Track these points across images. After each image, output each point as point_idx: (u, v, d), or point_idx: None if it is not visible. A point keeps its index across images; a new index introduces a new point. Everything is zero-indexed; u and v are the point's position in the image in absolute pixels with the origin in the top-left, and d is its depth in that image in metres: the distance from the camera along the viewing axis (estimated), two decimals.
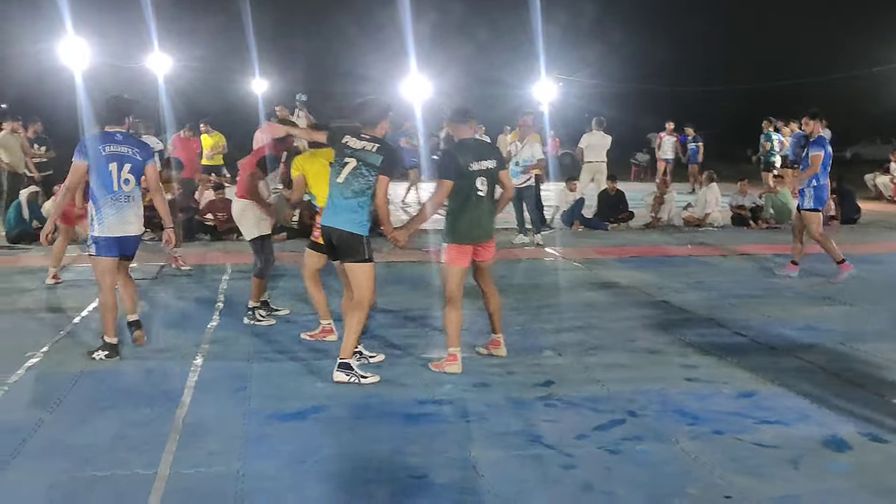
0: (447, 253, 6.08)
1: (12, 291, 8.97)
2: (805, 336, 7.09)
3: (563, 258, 11.45)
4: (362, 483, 4.17)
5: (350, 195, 5.70)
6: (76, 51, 20.51)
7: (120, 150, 6.31)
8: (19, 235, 12.59)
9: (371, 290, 5.86)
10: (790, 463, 4.42)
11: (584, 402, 5.40)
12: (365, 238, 5.75)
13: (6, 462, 4.40)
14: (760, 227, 14.91)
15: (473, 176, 5.97)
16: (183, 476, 4.24)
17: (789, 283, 9.57)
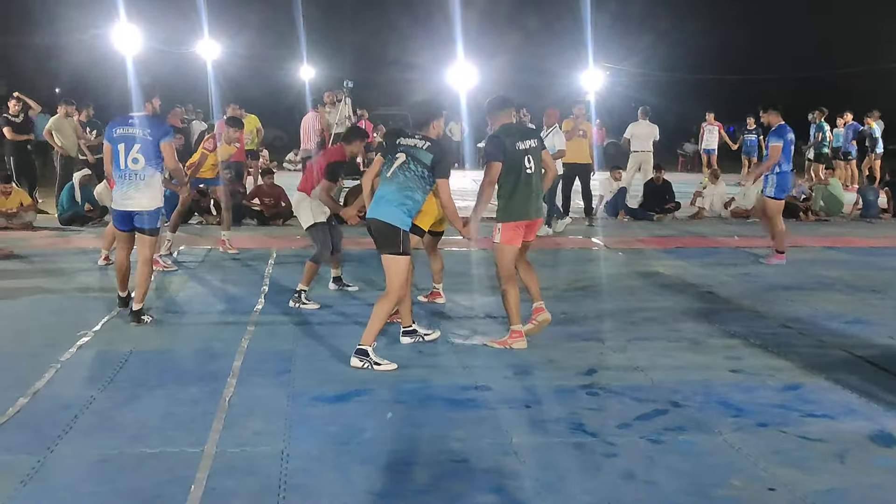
0: (502, 233, 6.22)
1: (65, 272, 9.14)
2: (853, 329, 6.99)
3: (608, 247, 11.39)
4: (404, 466, 4.20)
5: (395, 188, 5.79)
6: (128, 37, 20.79)
7: (130, 131, 6.80)
8: (72, 217, 12.84)
9: (402, 283, 5.87)
10: (836, 457, 4.36)
11: (626, 391, 5.38)
12: (402, 232, 5.78)
13: (59, 437, 4.50)
14: (810, 218, 14.70)
15: (521, 154, 6.19)
16: (229, 455, 4.30)
17: (839, 275, 9.42)
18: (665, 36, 38.36)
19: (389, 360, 5.84)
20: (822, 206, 15.09)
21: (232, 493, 3.86)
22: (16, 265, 9.59)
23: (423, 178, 5.82)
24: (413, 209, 5.87)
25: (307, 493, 3.88)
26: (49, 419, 4.75)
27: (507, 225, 6.22)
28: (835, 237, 12.53)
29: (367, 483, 3.99)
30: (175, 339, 6.57)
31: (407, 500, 3.83)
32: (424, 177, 5.82)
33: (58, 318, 7.12)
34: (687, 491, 3.95)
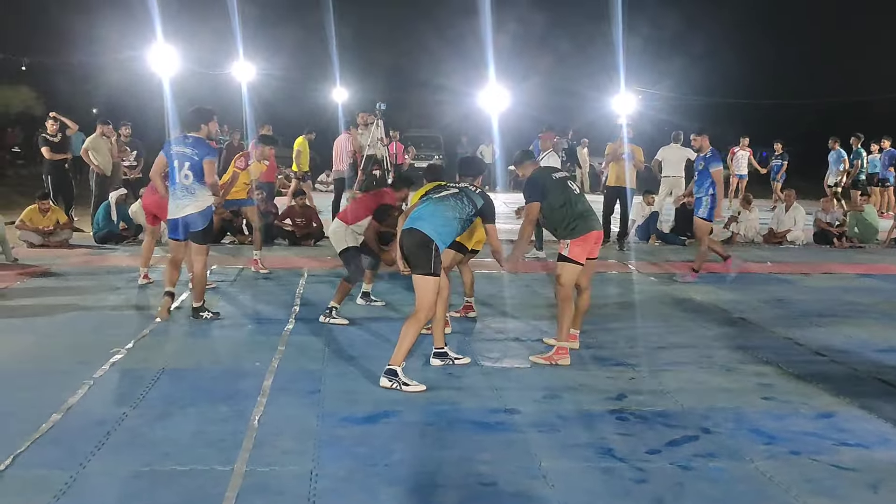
0: (570, 248, 6.51)
1: (100, 289, 9.25)
2: (888, 358, 6.90)
3: (639, 272, 11.35)
4: (432, 488, 4.20)
5: (441, 209, 6.04)
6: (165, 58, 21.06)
7: (184, 150, 7.57)
8: (106, 236, 13.01)
9: (432, 303, 5.92)
10: (869, 487, 4.31)
11: (656, 416, 5.35)
12: (435, 250, 5.86)
13: (92, 454, 4.55)
14: (844, 245, 14.54)
15: (561, 182, 6.71)
16: (258, 473, 4.33)
17: (873, 302, 9.32)
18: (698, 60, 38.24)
19: (419, 381, 5.86)
20: (856, 232, 14.93)
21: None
22: (51, 282, 9.73)
23: (467, 214, 6.09)
24: (447, 235, 6.01)
25: None
26: (82, 435, 4.81)
27: (575, 241, 6.50)
28: (869, 264, 12.39)
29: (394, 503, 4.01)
30: (206, 357, 6.63)
31: None
32: (468, 213, 6.09)
33: (92, 335, 7.20)
34: None
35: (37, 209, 12.77)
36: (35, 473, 4.28)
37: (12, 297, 8.81)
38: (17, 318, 7.86)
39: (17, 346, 6.81)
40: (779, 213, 15.34)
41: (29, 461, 4.44)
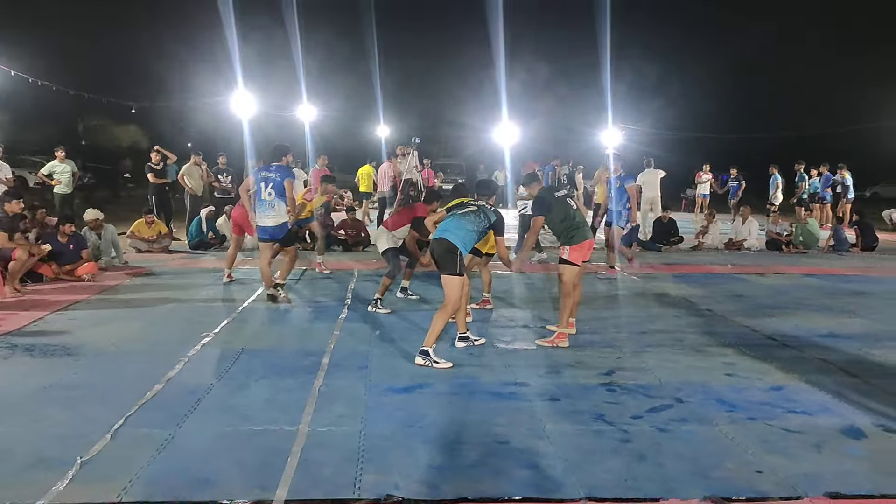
0: (570, 253, 6.51)
1: (193, 286, 9.32)
2: (828, 341, 6.80)
3: (624, 272, 11.26)
4: (457, 445, 4.19)
5: (464, 223, 6.09)
6: (244, 102, 21.17)
7: (269, 175, 8.15)
8: (198, 244, 13.10)
9: (458, 297, 5.92)
10: (814, 447, 4.25)
11: (639, 388, 5.30)
12: (460, 255, 5.91)
13: (185, 416, 4.59)
14: (791, 251, 14.35)
15: (562, 199, 6.67)
16: (318, 433, 4.34)
17: (815, 297, 9.17)
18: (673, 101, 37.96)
19: (447, 359, 5.84)
20: (801, 240, 14.73)
21: (320, 464, 3.89)
22: (154, 281, 9.81)
23: (482, 226, 6.16)
24: (469, 243, 6.09)
25: (380, 465, 3.89)
26: (178, 402, 4.85)
27: (573, 247, 6.51)
28: (812, 266, 12.21)
29: (428, 458, 4.00)
30: (277, 340, 6.65)
31: (459, 472, 3.82)
32: (483, 226, 6.16)
33: (187, 322, 7.25)
34: (689, 471, 3.88)
35: (143, 222, 12.90)
36: (141, 432, 4.31)
37: (123, 293, 8.90)
38: (128, 308, 7.94)
39: (128, 331, 6.88)
40: (737, 225, 15.16)
41: (137, 422, 4.48)
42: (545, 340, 6.59)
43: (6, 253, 8.47)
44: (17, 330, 6.78)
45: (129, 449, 4.06)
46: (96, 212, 11.35)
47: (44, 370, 5.56)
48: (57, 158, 14.34)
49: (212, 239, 13.20)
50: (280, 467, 3.82)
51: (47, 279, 9.40)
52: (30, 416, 4.54)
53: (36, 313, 7.48)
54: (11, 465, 3.82)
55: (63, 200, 14.16)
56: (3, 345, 6.25)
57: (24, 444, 4.08)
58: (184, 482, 3.64)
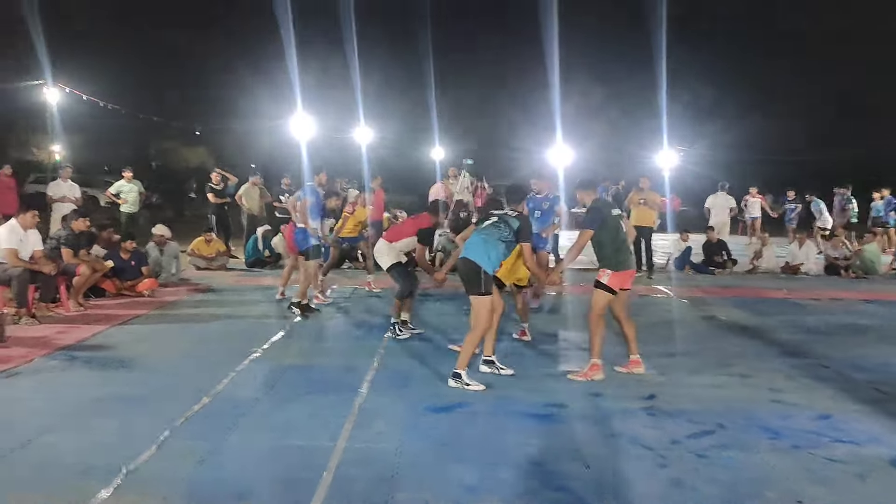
0: (610, 277, 6.05)
1: (247, 303, 9.52)
2: (883, 370, 6.53)
3: (674, 296, 11.07)
4: (492, 465, 4.16)
5: (483, 238, 5.81)
6: (303, 124, 21.58)
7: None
8: (255, 262, 13.40)
9: (487, 319, 5.72)
10: (858, 477, 4.08)
11: (680, 413, 5.18)
12: (483, 273, 5.66)
13: (230, 429, 4.68)
14: (850, 276, 13.88)
15: (617, 218, 6.20)
16: (356, 449, 4.37)
17: (871, 324, 8.85)
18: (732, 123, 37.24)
19: (484, 381, 5.80)
20: (858, 265, 14.22)
21: (355, 480, 3.92)
22: (211, 297, 10.05)
23: (507, 238, 5.82)
24: (495, 258, 5.79)
25: (414, 483, 3.90)
26: (223, 415, 4.95)
27: (616, 273, 6.05)
28: (871, 292, 11.78)
29: (461, 476, 3.98)
30: (324, 356, 6.73)
31: (491, 492, 3.80)
32: (508, 238, 5.82)
33: (237, 337, 7.40)
34: (725, 499, 3.78)
35: (203, 240, 13.25)
36: (186, 444, 4.41)
37: (180, 308, 9.14)
38: (183, 323, 8.15)
39: (182, 345, 7.06)
40: (793, 248, 14.76)
41: (183, 433, 4.59)
42: (577, 374, 6.08)
43: (71, 268, 8.80)
44: (78, 343, 7.03)
45: (173, 460, 4.15)
46: (164, 228, 11.70)
47: (99, 381, 5.74)
48: (124, 178, 14.86)
49: (268, 257, 13.47)
50: (315, 482, 3.86)
51: (109, 294, 9.72)
52: (82, 426, 4.70)
53: (96, 327, 7.74)
54: (61, 471, 3.95)
55: (129, 219, 14.64)
56: (64, 357, 6.49)
57: (74, 453, 4.22)
58: (222, 494, 3.71)
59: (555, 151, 27.15)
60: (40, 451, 4.26)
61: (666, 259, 14.59)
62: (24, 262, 8.16)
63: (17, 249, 8.11)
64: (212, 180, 15.11)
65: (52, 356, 6.50)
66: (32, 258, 8.33)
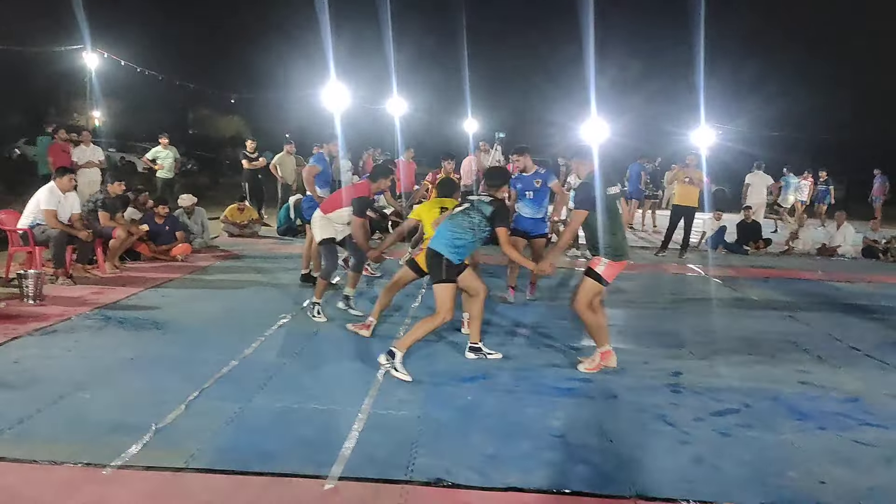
0: (606, 268, 5.37)
1: (278, 270, 9.61)
2: None
3: (706, 275, 10.94)
4: (512, 436, 4.18)
5: (450, 226, 5.43)
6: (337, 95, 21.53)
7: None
8: (286, 230, 13.50)
9: (448, 308, 5.28)
10: (885, 461, 4.03)
11: (705, 391, 5.15)
12: (445, 260, 5.29)
13: (256, 391, 4.76)
14: (889, 259, 13.59)
15: (613, 199, 5.39)
16: (378, 415, 4.42)
17: None
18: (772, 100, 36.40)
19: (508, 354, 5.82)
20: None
21: (376, 445, 3.97)
22: (242, 263, 10.17)
23: (478, 226, 5.37)
24: (462, 247, 5.36)
25: (434, 450, 3.93)
26: (251, 378, 5.03)
27: (612, 263, 5.38)
28: None
29: (481, 446, 4.01)
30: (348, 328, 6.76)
31: (510, 462, 3.82)
32: (480, 225, 5.38)
33: (267, 303, 7.50)
34: (747, 477, 3.76)
35: (236, 208, 13.39)
36: (214, 404, 4.50)
37: (213, 273, 9.27)
38: (215, 288, 8.27)
39: (213, 309, 7.16)
40: (831, 230, 14.49)
41: (211, 394, 4.68)
42: (588, 367, 5.55)
43: (107, 231, 8.96)
44: (113, 303, 7.18)
45: (201, 419, 4.24)
46: (190, 197, 11.82)
47: (132, 342, 5.87)
48: (161, 145, 15.02)
49: (299, 226, 13.56)
50: (338, 446, 3.91)
51: (144, 258, 9.89)
52: (114, 384, 4.82)
53: (131, 289, 7.89)
54: (93, 428, 4.06)
55: (165, 185, 14.82)
56: (99, 317, 6.63)
57: (106, 410, 4.33)
58: (246, 454, 3.79)
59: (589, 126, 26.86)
60: (73, 406, 4.38)
61: (699, 238, 14.39)
62: (63, 224, 8.34)
63: (56, 210, 8.29)
64: (246, 148, 15.21)
65: (87, 315, 6.65)
66: (70, 220, 8.51)
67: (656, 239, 14.23)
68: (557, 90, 36.34)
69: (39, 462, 3.60)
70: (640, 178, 17.51)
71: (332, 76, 20.25)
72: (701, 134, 26.36)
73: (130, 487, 3.39)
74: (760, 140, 32.73)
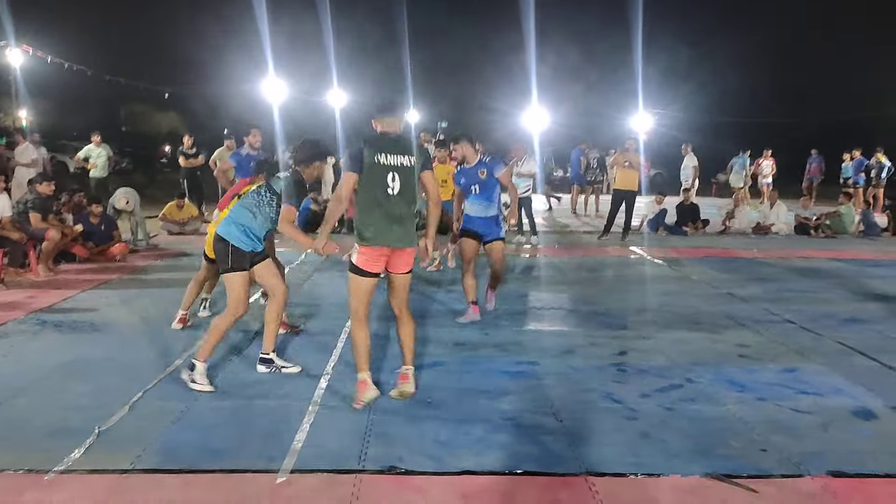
0: (357, 255, 4.39)
1: None
2: (848, 325, 6.68)
3: (647, 256, 11.17)
4: (464, 421, 4.20)
5: (241, 208, 4.92)
6: (275, 88, 21.26)
7: None
8: None
9: (240, 300, 4.79)
10: (821, 427, 4.19)
11: (650, 369, 5.27)
12: (231, 247, 4.78)
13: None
14: (820, 235, 14.10)
15: (384, 170, 4.31)
16: (329, 407, 4.40)
17: (839, 281, 9.01)
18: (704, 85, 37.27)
19: (458, 340, 5.83)
20: (827, 224, 14.41)
21: (328, 437, 3.95)
22: (183, 261, 9.95)
23: (267, 203, 4.89)
24: (252, 231, 4.87)
25: (386, 439, 3.93)
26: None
27: (363, 248, 4.37)
28: (839, 251, 11.98)
29: (434, 433, 4.03)
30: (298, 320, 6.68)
31: (463, 447, 3.85)
32: (267, 202, 4.89)
33: (210, 301, 7.34)
34: (692, 449, 3.86)
35: (175, 205, 13.09)
36: (158, 404, 4.41)
37: (152, 272, 9.07)
38: (154, 287, 8.09)
39: (154, 309, 7.00)
40: (765, 209, 14.95)
41: (155, 395, 4.59)
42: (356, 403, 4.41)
43: (40, 233, 8.67)
44: (48, 307, 6.96)
45: (146, 420, 4.15)
46: (123, 198, 11.43)
47: (69, 345, 5.70)
48: (93, 143, 14.59)
49: None
50: (289, 440, 3.88)
51: (80, 259, 9.60)
52: (53, 389, 4.68)
53: (67, 292, 7.66)
54: (32, 434, 3.93)
55: (98, 184, 14.39)
56: (34, 321, 6.42)
57: (45, 415, 4.20)
58: (194, 452, 3.72)
59: (530, 114, 27.11)
60: (11, 412, 4.24)
61: (640, 221, 14.67)
62: None
63: None
64: (184, 144, 14.89)
65: (21, 320, 6.44)
66: (0, 223, 8.20)
67: (599, 223, 14.43)
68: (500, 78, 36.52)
69: None
70: (580, 165, 17.79)
71: (271, 69, 20.00)
72: (639, 119, 26.92)
73: (75, 492, 3.30)
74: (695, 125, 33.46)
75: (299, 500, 3.26)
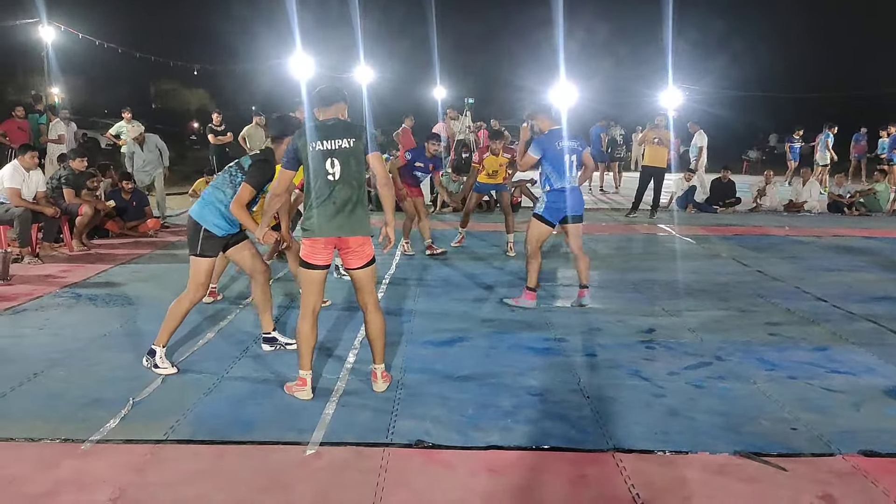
0: (302, 248, 4.14)
1: None
2: (882, 304, 6.57)
3: (676, 233, 11.07)
4: (491, 396, 4.22)
5: (214, 191, 4.70)
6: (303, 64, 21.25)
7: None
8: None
9: (198, 284, 4.63)
10: (853, 406, 4.14)
11: (678, 346, 5.24)
12: (204, 231, 4.60)
13: (233, 363, 4.75)
14: (853, 214, 13.85)
15: (322, 156, 4.01)
16: (359, 381, 4.43)
17: (874, 260, 8.86)
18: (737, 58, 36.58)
19: (485, 317, 5.83)
20: (861, 202, 14.15)
21: (357, 410, 3.98)
22: None
23: (237, 183, 4.62)
24: (221, 216, 4.63)
25: (414, 413, 3.96)
26: (228, 349, 5.03)
27: (305, 240, 4.11)
28: (873, 229, 11.76)
29: (461, 407, 4.04)
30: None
31: (490, 422, 3.86)
32: (237, 181, 4.64)
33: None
34: (721, 426, 3.83)
35: (204, 181, 13.15)
36: (191, 377, 4.49)
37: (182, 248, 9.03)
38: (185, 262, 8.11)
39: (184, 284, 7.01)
40: (797, 187, 14.70)
41: (188, 367, 4.66)
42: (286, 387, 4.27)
43: (73, 208, 8.80)
44: (82, 281, 7.09)
45: (179, 392, 4.23)
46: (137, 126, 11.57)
47: (104, 318, 5.81)
48: (124, 119, 14.71)
49: None
50: (318, 413, 3.92)
51: (113, 234, 9.75)
52: (88, 361, 4.77)
53: (101, 266, 7.79)
54: (68, 404, 4.02)
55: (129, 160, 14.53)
56: (69, 295, 6.55)
57: (81, 386, 4.30)
58: (226, 423, 3.78)
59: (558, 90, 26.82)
60: (49, 383, 4.34)
61: (669, 198, 14.53)
62: (27, 202, 8.17)
63: (20, 189, 8.12)
64: (213, 122, 14.98)
65: (57, 294, 6.56)
66: (35, 198, 8.34)
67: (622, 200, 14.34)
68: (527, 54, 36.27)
69: (16, 440, 3.57)
70: (600, 142, 17.61)
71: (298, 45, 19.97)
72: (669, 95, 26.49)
73: (110, 461, 3.37)
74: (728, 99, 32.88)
75: (328, 471, 3.30)
